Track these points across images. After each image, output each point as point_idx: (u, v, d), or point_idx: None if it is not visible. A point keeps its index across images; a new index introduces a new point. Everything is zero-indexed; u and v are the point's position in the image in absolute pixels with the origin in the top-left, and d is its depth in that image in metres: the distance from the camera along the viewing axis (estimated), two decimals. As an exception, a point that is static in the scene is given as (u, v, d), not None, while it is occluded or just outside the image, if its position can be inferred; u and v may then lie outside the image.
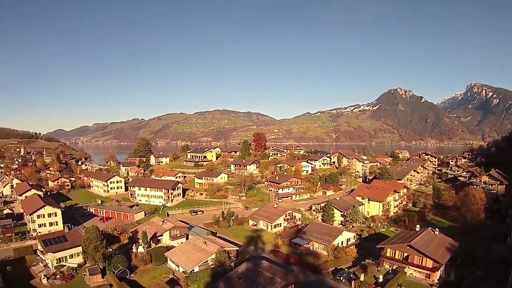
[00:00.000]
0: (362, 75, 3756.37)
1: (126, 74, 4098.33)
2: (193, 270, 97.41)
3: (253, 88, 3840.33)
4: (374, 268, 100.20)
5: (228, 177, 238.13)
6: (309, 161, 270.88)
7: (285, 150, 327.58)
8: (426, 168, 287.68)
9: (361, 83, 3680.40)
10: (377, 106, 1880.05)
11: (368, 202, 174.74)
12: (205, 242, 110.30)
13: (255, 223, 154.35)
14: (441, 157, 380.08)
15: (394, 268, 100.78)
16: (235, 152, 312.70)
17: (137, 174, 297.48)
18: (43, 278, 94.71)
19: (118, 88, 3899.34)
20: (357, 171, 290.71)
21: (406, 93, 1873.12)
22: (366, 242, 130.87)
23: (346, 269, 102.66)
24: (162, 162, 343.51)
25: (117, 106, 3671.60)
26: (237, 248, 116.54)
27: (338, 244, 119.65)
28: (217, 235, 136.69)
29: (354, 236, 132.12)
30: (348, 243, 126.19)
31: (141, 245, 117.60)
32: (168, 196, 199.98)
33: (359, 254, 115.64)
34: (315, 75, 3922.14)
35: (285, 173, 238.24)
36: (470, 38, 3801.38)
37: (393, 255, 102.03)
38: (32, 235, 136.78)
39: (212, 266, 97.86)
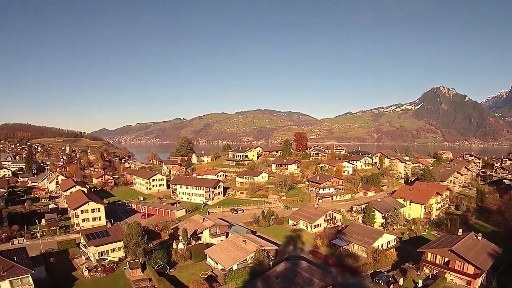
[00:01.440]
0: (404, 73, 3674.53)
1: (168, 75, 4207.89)
2: (231, 268, 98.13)
3: (293, 88, 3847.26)
4: (413, 273, 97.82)
5: (268, 176, 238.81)
6: (350, 161, 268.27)
7: (326, 150, 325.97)
8: (469, 170, 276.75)
9: (403, 81, 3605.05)
10: (419, 105, 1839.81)
11: (410, 204, 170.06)
12: (245, 240, 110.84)
13: (295, 223, 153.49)
14: (485, 158, 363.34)
15: (434, 273, 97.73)
16: (276, 152, 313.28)
17: (179, 172, 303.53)
18: (85, 270, 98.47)
19: (160, 88, 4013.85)
20: (399, 172, 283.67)
21: (449, 92, 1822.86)
22: (406, 245, 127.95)
23: (385, 273, 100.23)
24: (203, 161, 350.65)
25: (160, 106, 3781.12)
26: (276, 248, 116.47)
27: (378, 246, 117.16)
28: (257, 234, 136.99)
29: (394, 239, 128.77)
30: (388, 245, 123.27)
31: (181, 241, 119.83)
32: (209, 195, 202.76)
33: (399, 258, 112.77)
34: (356, 74, 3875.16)
35: (326, 173, 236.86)
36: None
37: (434, 260, 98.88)
38: (75, 229, 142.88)
39: (250, 265, 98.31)
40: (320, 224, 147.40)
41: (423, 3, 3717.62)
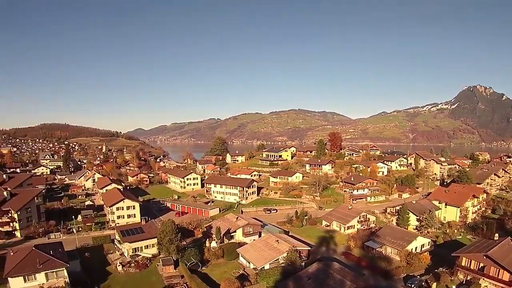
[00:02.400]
0: (440, 71, 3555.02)
1: (202, 75, 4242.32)
2: (263, 267, 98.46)
3: (328, 87, 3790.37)
4: (447, 278, 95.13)
5: (302, 176, 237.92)
6: (385, 162, 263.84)
7: (360, 151, 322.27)
8: (507, 172, 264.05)
9: (438, 80, 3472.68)
10: (455, 105, 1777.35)
11: (445, 207, 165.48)
12: (277, 240, 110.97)
13: (328, 224, 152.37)
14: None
15: (468, 279, 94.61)
16: (310, 152, 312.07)
17: (213, 171, 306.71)
18: (119, 265, 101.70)
19: (195, 88, 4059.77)
20: (435, 174, 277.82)
21: (486, 90, 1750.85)
22: (440, 249, 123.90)
23: (418, 277, 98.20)
24: (237, 161, 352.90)
25: (194, 106, 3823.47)
26: (309, 248, 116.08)
27: (411, 249, 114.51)
28: (290, 234, 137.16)
29: (428, 242, 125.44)
30: (422, 249, 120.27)
31: (214, 240, 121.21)
32: (243, 194, 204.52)
33: (432, 262, 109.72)
34: (390, 73, 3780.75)
35: (360, 174, 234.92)
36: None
37: (468, 265, 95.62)
38: (110, 225, 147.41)
39: (282, 265, 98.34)
40: (354, 225, 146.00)
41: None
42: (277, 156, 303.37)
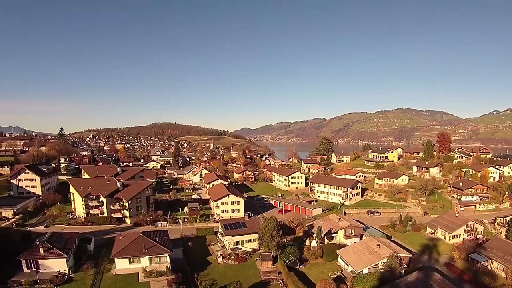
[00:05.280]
0: None
1: (308, 75, 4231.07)
2: (361, 271, 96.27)
3: (436, 85, 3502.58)
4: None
5: (409, 179, 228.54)
6: (496, 166, 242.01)
7: (470, 153, 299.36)
8: None
9: None
10: None
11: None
12: (379, 244, 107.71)
13: (433, 231, 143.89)
14: None
15: None
16: (418, 153, 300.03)
17: (318, 171, 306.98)
18: (219, 256, 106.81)
19: (300, 88, 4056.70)
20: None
21: None
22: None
23: None
24: (342, 161, 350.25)
25: (300, 105, 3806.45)
26: (410, 255, 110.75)
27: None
28: (391, 239, 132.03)
29: None
30: None
31: (315, 239, 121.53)
32: (347, 195, 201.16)
33: None
34: (503, 67, 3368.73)
35: (469, 179, 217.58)
36: None
37: None
38: (214, 218, 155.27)
39: (381, 270, 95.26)
40: (459, 235, 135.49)
41: None
42: (383, 157, 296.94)
